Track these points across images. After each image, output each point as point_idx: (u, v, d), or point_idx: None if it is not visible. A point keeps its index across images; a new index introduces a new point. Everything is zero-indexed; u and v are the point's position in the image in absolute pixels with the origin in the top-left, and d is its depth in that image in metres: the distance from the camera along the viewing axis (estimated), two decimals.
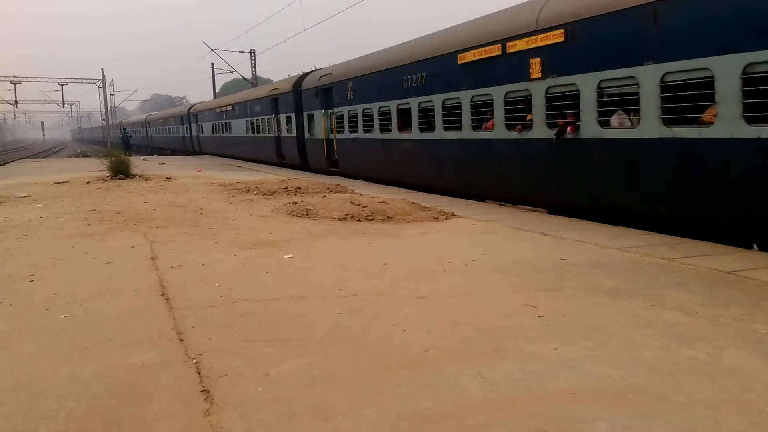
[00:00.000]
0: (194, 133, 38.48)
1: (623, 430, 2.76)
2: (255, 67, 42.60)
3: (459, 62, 11.19)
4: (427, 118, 12.59)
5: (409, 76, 13.14)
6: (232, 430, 2.88)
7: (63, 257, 6.86)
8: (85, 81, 54.45)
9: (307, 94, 20.07)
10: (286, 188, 13.02)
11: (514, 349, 3.77)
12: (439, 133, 12.19)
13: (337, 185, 13.71)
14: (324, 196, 11.45)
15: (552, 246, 6.95)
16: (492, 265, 6.06)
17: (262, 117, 25.28)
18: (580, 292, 5.02)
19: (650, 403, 3.01)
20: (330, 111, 18.00)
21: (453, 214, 9.36)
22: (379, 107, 14.78)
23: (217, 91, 49.03)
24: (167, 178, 16.77)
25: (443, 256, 6.41)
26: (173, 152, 42.55)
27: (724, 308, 4.46)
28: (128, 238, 7.90)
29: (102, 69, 51.74)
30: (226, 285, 5.48)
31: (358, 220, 8.88)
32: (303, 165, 21.06)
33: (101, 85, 52.09)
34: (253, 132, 26.96)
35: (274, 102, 23.50)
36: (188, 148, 39.98)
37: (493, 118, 10.43)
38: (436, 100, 12.17)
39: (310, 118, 19.86)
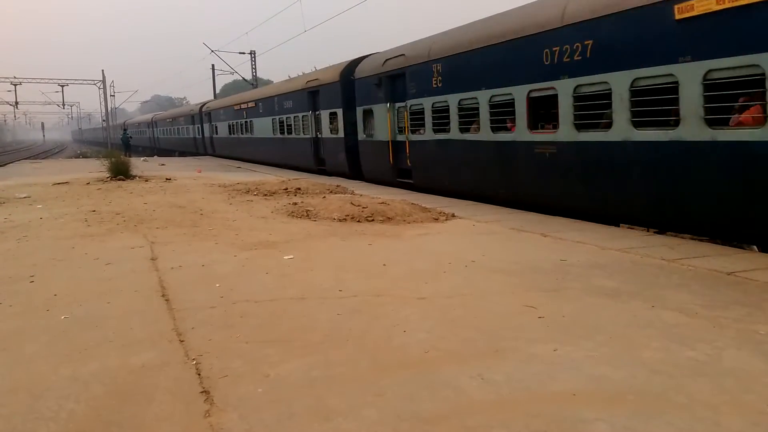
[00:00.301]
0: (207, 134, 35.18)
1: (623, 430, 2.76)
2: (255, 68, 42.67)
3: (677, 17, 7.40)
4: (592, 108, 8.69)
5: (555, 48, 9.22)
6: (232, 431, 2.88)
7: (63, 258, 6.86)
8: (85, 82, 54.58)
9: (362, 84, 16.07)
10: (286, 189, 13.03)
11: (514, 350, 3.77)
12: (621, 131, 8.08)
13: (337, 186, 13.72)
14: (324, 197, 11.45)
15: (552, 247, 6.95)
16: (492, 265, 6.06)
17: (296, 114, 21.29)
18: (580, 292, 5.02)
19: (650, 404, 3.01)
20: (400, 105, 14.28)
21: (453, 215, 9.36)
22: (491, 96, 10.78)
23: (217, 92, 49.06)
24: (167, 179, 16.78)
25: (443, 257, 6.41)
26: (182, 154, 40.09)
27: (724, 309, 4.46)
28: (128, 239, 7.90)
29: (102, 70, 52.03)
30: (226, 286, 5.48)
31: (358, 221, 8.88)
32: (354, 173, 17.14)
33: (101, 86, 52.16)
34: (282, 132, 22.83)
35: (312, 96, 19.55)
36: (200, 150, 36.92)
37: (759, 104, 6.63)
38: (617, 82, 8.11)
39: (368, 114, 15.84)
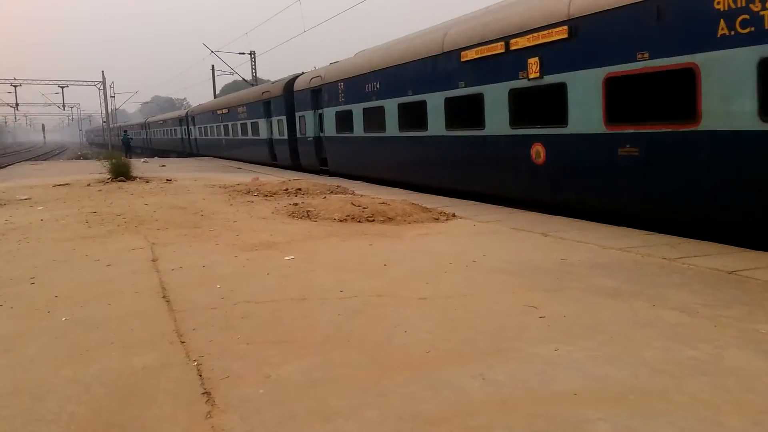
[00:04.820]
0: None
1: (625, 430, 2.76)
2: (255, 69, 42.62)
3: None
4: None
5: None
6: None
7: (64, 260, 6.86)
8: (85, 83, 54.60)
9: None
10: (287, 189, 13.01)
11: (516, 350, 3.77)
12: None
13: (338, 186, 13.70)
14: (324, 198, 11.44)
15: (553, 246, 6.94)
16: (493, 265, 6.06)
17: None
18: (581, 292, 5.02)
19: (652, 404, 3.01)
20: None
21: (454, 215, 9.35)
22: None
23: (217, 92, 49.02)
24: (168, 180, 16.78)
25: (444, 257, 6.40)
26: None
27: (725, 308, 4.46)
28: (129, 241, 7.90)
29: (102, 71, 51.72)
30: (227, 287, 5.48)
31: (359, 222, 8.88)
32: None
33: (102, 88, 52.11)
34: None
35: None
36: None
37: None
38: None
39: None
